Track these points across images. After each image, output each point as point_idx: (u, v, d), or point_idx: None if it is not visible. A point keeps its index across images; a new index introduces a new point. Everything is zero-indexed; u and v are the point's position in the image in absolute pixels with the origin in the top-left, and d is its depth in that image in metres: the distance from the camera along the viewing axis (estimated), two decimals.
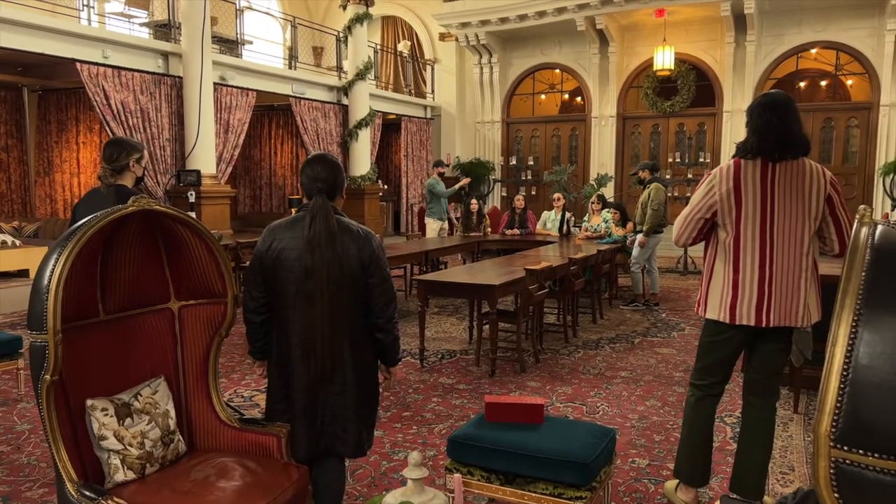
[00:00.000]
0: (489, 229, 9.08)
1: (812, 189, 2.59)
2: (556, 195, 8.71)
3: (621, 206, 8.26)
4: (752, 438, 2.79)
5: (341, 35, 12.10)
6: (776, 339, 2.72)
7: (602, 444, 2.49)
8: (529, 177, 14.24)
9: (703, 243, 2.83)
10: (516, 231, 8.59)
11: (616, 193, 13.01)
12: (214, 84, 9.30)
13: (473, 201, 8.91)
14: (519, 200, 8.79)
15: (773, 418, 2.81)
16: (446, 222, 9.05)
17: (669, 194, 12.69)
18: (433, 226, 8.89)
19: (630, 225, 7.79)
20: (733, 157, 2.72)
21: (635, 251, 7.23)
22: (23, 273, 7.79)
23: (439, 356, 5.42)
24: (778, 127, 2.58)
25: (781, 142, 2.58)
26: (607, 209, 8.19)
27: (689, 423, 2.88)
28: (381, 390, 2.56)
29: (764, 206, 2.60)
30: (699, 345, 2.86)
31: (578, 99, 14.24)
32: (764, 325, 2.64)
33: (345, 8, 11.76)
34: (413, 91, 14.78)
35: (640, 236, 7.11)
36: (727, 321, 2.68)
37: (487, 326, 5.07)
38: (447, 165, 9.10)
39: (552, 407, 4.22)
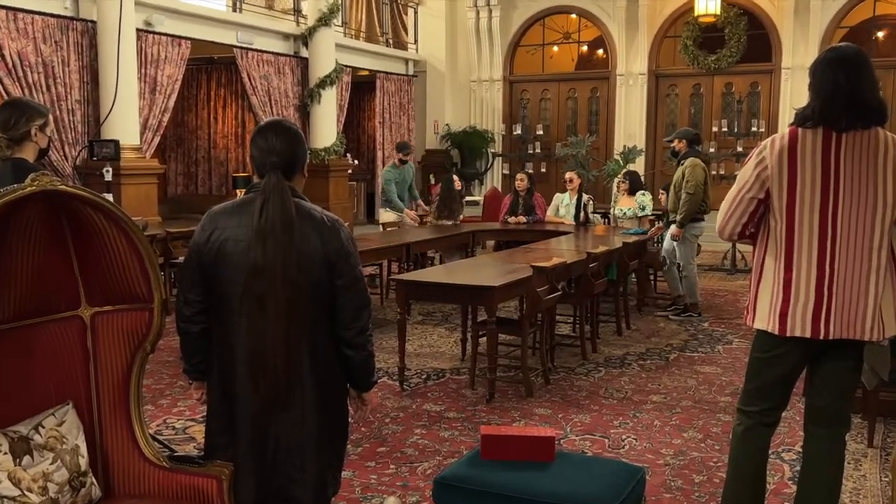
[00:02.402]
0: (461, 216, 9.08)
1: (888, 167, 2.60)
2: (569, 174, 8.72)
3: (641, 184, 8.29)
4: (815, 478, 2.81)
5: None
6: (843, 356, 2.74)
7: (628, 487, 2.51)
8: (538, 150, 14.26)
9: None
10: (521, 218, 8.61)
11: (647, 171, 13.06)
12: (138, 31, 9.23)
13: (456, 178, 8.87)
14: (521, 180, 8.78)
15: (842, 453, 2.84)
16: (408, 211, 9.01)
17: (714, 173, 12.78)
18: (387, 217, 8.86)
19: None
20: (790, 125, 2.73)
21: (667, 244, 7.20)
22: None
23: (424, 377, 5.43)
24: (846, 89, 2.60)
25: (850, 107, 2.60)
26: (643, 191, 8.18)
27: (737, 460, 2.90)
28: (350, 420, 2.56)
29: (825, 187, 2.62)
30: (749, 362, 2.88)
31: (600, 52, 14.26)
32: (822, 336, 2.66)
33: None
34: (391, 41, 14.75)
35: (673, 227, 7.05)
36: (776, 332, 2.70)
37: (485, 339, 5.07)
38: (410, 153, 9.04)
39: (565, 440, 4.24)
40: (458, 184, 8.92)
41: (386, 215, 8.85)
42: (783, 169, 2.65)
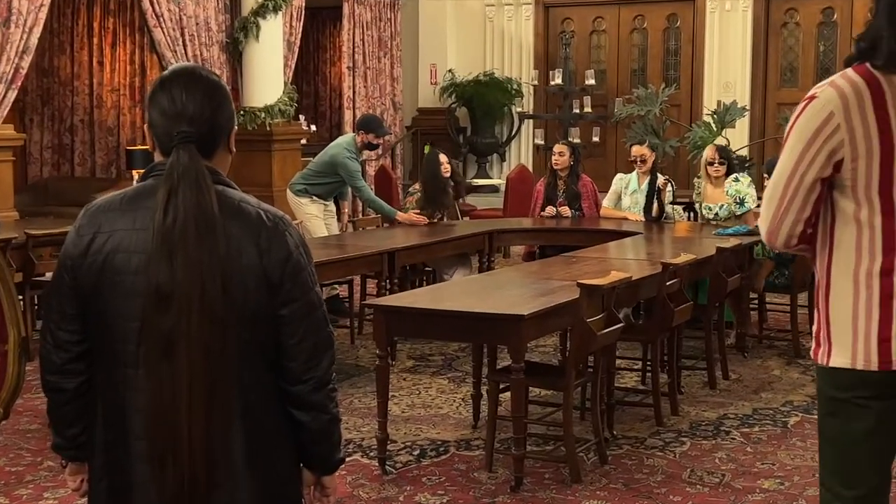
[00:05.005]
0: (459, 212, 9.15)
1: None
2: (636, 149, 8.66)
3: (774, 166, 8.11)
4: None
5: None
6: None
7: None
8: (588, 109, 14.26)
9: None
10: (564, 209, 8.62)
11: (753, 140, 13.05)
12: None
13: (444, 160, 8.87)
14: (561, 155, 8.78)
15: None
16: (334, 208, 9.09)
17: None
18: (311, 209, 8.89)
19: None
20: (849, 63, 2.67)
21: None
22: None
23: (416, 452, 5.44)
24: None
25: None
26: (736, 176, 8.11)
27: None
28: None
29: None
30: (820, 429, 2.84)
31: None
32: None
33: None
34: None
35: None
36: (874, 367, 2.65)
37: (508, 395, 5.07)
38: (381, 138, 9.15)
39: None
40: (445, 167, 8.84)
41: (308, 206, 8.86)
42: (869, 129, 2.64)
